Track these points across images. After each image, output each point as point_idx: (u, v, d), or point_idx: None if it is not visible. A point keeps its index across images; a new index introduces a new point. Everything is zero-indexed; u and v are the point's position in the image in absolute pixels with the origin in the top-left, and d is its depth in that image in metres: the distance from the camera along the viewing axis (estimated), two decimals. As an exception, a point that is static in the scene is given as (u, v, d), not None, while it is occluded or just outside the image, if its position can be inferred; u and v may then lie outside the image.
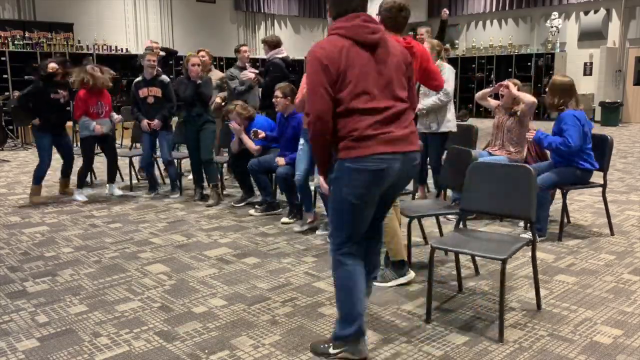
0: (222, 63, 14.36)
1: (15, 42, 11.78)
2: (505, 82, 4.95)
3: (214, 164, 6.01)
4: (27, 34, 11.97)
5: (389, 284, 3.55)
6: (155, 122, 6.10)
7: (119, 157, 6.47)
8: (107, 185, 6.46)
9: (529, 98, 4.80)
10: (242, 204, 5.80)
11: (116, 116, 6.27)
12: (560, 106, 4.42)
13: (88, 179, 7.08)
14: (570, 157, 4.42)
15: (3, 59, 11.55)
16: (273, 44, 6.74)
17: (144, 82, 6.14)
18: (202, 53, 7.06)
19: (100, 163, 6.60)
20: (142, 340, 2.90)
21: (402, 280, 3.57)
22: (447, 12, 7.05)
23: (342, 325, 2.59)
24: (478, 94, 5.40)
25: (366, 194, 2.45)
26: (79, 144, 6.54)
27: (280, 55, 6.71)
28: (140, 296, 3.46)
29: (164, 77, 6.20)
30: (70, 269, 3.98)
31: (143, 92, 6.13)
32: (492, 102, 5.26)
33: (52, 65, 5.94)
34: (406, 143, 2.48)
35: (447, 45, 5.72)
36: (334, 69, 2.37)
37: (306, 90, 2.79)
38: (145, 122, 6.11)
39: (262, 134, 5.28)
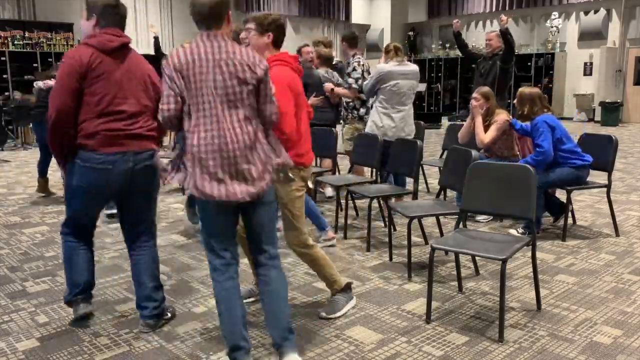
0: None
1: (15, 42, 11.77)
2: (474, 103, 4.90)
3: None
4: (27, 34, 11.96)
5: (343, 310, 3.19)
6: None
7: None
8: None
9: (482, 137, 4.80)
10: None
11: None
12: (531, 115, 4.52)
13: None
14: (558, 159, 4.47)
15: (3, 59, 11.54)
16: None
17: None
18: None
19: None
20: (142, 340, 2.90)
21: (351, 303, 3.26)
22: (506, 19, 6.19)
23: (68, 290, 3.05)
24: (462, 136, 5.09)
25: None
26: None
27: None
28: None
29: None
30: (70, 269, 3.98)
31: None
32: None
33: None
34: None
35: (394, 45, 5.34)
36: None
37: None
38: None
39: None
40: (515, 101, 4.67)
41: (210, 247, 2.53)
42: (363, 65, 5.68)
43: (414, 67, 5.29)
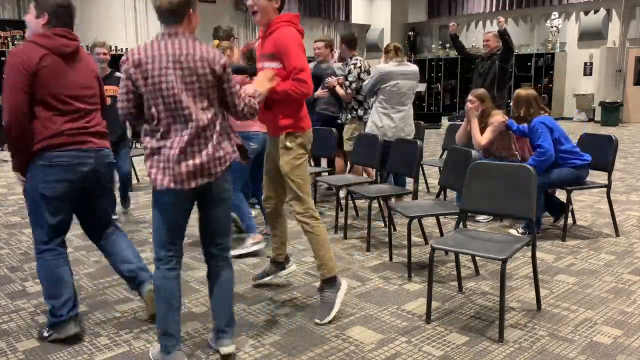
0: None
1: (15, 42, 11.78)
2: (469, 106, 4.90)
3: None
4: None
5: (335, 308, 3.09)
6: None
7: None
8: None
9: (478, 140, 4.81)
10: None
11: None
12: (528, 117, 4.52)
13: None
14: (557, 160, 4.47)
15: (3, 59, 11.55)
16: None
17: None
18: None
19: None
20: (142, 340, 2.90)
21: (342, 293, 3.15)
22: (504, 20, 6.23)
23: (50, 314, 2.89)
24: (459, 137, 5.10)
25: None
26: None
27: None
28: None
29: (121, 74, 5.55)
30: (70, 269, 3.98)
31: None
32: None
33: None
34: None
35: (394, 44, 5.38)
36: None
37: None
38: None
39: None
40: (512, 104, 4.67)
41: (159, 238, 2.57)
42: (360, 67, 5.70)
43: (414, 68, 5.30)
